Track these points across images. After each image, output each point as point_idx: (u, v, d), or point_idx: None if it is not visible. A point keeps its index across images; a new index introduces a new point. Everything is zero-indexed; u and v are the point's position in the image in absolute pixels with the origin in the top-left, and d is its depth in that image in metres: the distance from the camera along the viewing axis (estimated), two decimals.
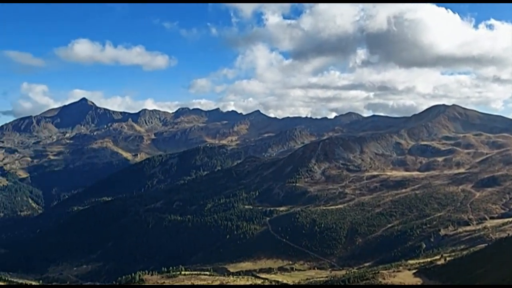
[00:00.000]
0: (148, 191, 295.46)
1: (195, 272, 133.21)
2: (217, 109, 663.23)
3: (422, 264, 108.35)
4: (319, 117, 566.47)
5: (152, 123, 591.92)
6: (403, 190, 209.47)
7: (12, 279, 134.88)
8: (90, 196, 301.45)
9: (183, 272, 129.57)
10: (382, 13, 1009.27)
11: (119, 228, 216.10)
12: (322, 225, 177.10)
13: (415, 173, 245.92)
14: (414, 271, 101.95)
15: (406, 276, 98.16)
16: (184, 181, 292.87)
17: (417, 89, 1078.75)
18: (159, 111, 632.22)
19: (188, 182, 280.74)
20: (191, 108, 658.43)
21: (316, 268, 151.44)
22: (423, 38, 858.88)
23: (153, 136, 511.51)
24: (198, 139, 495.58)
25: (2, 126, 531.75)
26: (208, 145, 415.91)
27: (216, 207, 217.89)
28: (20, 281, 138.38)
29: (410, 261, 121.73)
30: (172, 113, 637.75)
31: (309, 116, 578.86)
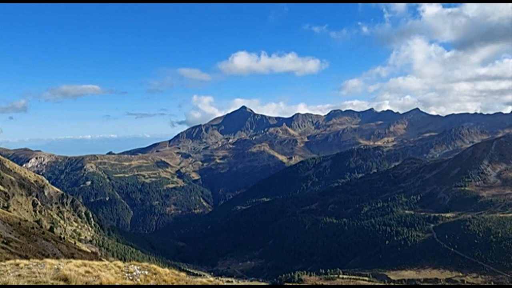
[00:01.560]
0: (303, 193, 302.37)
1: (354, 276, 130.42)
2: (371, 109, 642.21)
3: None
4: (491, 112, 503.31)
5: (305, 126, 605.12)
6: None
7: (189, 270, 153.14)
8: (251, 197, 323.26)
9: (341, 275, 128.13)
10: None
11: (278, 228, 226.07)
12: (500, 235, 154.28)
13: None
14: None
15: None
16: (338, 183, 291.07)
17: None
18: (311, 114, 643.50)
19: (342, 185, 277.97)
20: (343, 110, 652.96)
21: (493, 283, 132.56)
22: None
23: (306, 139, 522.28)
24: (351, 141, 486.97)
25: (178, 134, 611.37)
26: (362, 146, 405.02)
27: (373, 211, 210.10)
28: (195, 272, 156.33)
29: None
30: (324, 115, 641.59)
31: (478, 111, 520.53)
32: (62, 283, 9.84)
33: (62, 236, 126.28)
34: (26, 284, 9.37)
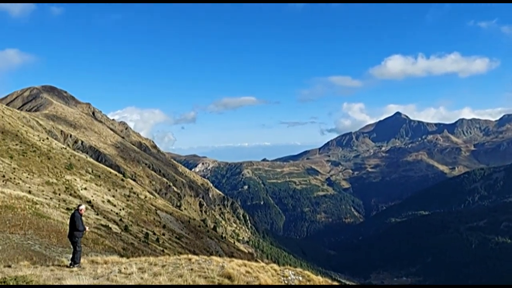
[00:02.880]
0: (469, 208, 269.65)
1: None
2: None
3: None
4: None
5: (470, 133, 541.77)
6: None
7: (341, 279, 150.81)
8: (407, 209, 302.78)
9: None
10: None
11: (438, 244, 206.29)
12: None
13: None
14: None
15: None
16: None
17: None
18: (478, 119, 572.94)
19: None
20: None
21: None
22: None
23: (472, 148, 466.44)
24: None
25: (328, 142, 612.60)
26: None
27: None
28: (347, 282, 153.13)
29: None
30: (495, 121, 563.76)
31: None
32: (226, 280, 10.60)
33: (223, 236, 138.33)
34: (196, 277, 10.36)
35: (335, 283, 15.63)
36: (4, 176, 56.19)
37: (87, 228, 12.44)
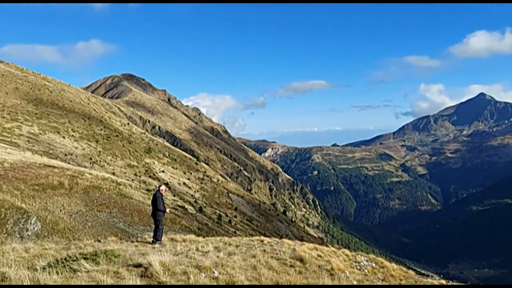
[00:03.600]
0: None
1: None
2: None
3: None
4: None
5: None
6: None
7: (416, 268, 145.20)
8: (490, 197, 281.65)
9: None
10: None
11: None
12: None
13: None
14: None
15: None
16: None
17: None
18: None
19: None
20: None
21: None
22: None
23: None
24: None
25: (403, 126, 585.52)
26: None
27: None
28: (423, 271, 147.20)
29: None
30: None
31: None
32: (298, 263, 10.69)
33: (293, 220, 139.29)
34: (269, 258, 10.58)
35: (410, 271, 15.09)
36: (91, 159, 61.24)
37: (167, 209, 13.04)
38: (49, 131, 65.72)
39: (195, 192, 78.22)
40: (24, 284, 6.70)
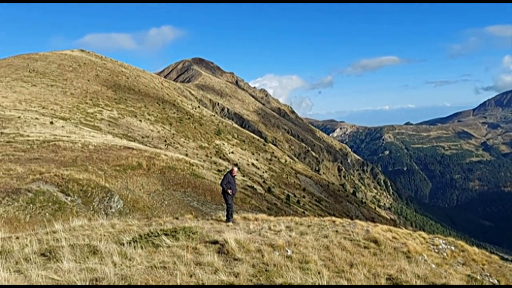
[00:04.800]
0: None
1: None
2: None
3: None
4: None
5: None
6: None
7: (498, 253, 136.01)
8: None
9: None
10: None
11: None
12: None
13: None
14: None
15: None
16: None
17: None
18: None
19: None
20: None
21: None
22: None
23: None
24: None
25: (485, 102, 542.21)
26: None
27: None
28: (506, 256, 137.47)
29: None
30: None
31: None
32: (372, 244, 10.44)
33: (363, 201, 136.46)
34: (342, 239, 10.45)
35: (494, 256, 14.11)
36: (166, 141, 64.36)
37: (229, 191, 12.49)
38: (127, 115, 69.99)
39: (263, 172, 79.36)
40: (113, 258, 7.27)
